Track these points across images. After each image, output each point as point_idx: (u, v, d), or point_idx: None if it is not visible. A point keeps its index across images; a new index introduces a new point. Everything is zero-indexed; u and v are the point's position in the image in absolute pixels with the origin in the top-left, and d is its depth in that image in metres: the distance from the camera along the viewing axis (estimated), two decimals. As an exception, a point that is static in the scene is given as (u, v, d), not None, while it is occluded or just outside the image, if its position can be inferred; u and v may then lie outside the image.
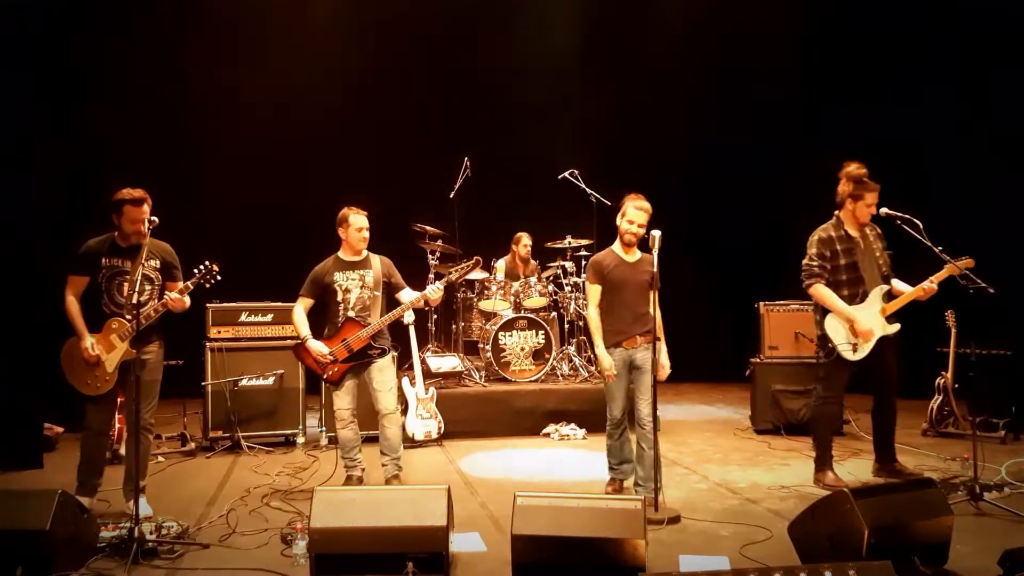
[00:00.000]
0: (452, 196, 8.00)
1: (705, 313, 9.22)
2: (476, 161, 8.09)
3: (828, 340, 4.98)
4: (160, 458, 5.97)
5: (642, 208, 4.68)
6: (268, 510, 4.60)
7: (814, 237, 5.08)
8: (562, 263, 8.02)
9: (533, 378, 7.38)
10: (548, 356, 7.46)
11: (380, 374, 4.96)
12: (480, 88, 9.73)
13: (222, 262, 4.50)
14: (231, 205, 8.86)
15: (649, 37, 9.76)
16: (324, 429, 6.50)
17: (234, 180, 8.88)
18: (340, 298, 4.95)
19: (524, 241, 8.16)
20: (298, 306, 4.99)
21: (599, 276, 4.74)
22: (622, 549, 3.29)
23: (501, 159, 9.33)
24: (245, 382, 6.38)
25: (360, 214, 5.02)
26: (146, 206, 4.38)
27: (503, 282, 7.68)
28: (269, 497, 4.87)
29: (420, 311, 6.82)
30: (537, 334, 7.45)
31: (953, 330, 6.36)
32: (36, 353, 5.70)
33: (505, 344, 7.39)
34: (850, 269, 4.98)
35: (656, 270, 4.50)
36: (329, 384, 5.03)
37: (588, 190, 7.89)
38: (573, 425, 6.86)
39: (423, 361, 7.04)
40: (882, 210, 4.93)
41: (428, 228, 7.63)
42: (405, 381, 6.50)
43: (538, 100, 9.56)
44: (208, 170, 8.92)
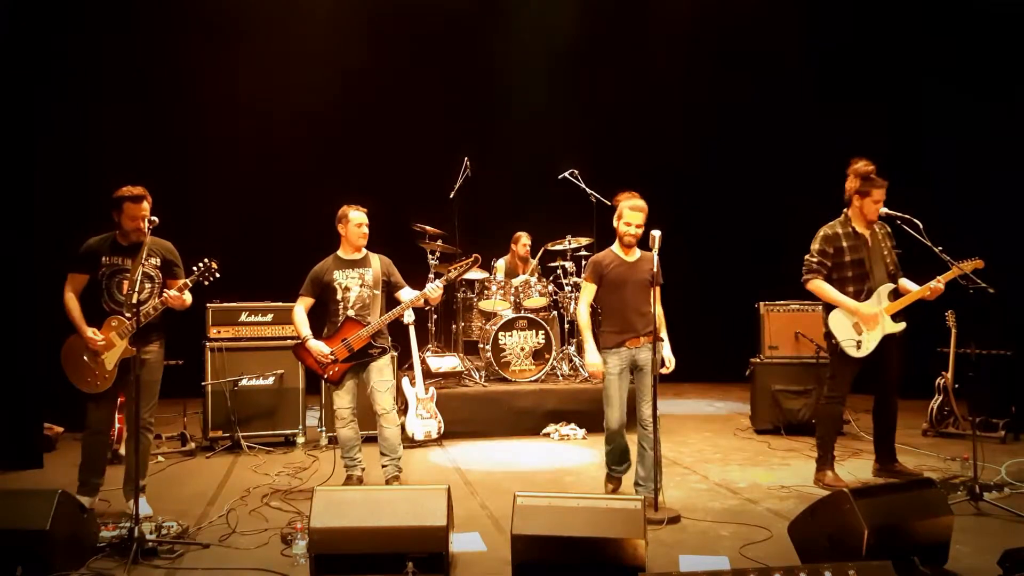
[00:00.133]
0: (452, 196, 8.01)
1: (705, 313, 9.22)
2: (476, 161, 8.10)
3: (832, 336, 4.99)
4: (160, 458, 5.97)
5: (638, 208, 4.61)
6: (268, 510, 4.60)
7: (819, 233, 5.08)
8: (562, 263, 8.03)
9: (533, 378, 7.38)
10: (548, 356, 7.46)
11: (379, 374, 4.96)
12: (480, 88, 9.73)
13: (222, 261, 4.50)
14: (231, 204, 8.86)
15: (649, 36, 9.76)
16: (324, 429, 6.50)
17: (234, 180, 8.88)
18: (340, 297, 4.95)
19: (524, 241, 8.16)
20: (298, 306, 4.99)
21: (596, 275, 4.72)
22: (622, 549, 3.28)
23: (501, 159, 9.32)
24: (245, 382, 6.38)
25: (359, 210, 5.03)
26: (146, 203, 4.40)
27: (503, 282, 7.68)
28: (269, 497, 4.87)
29: (420, 311, 6.81)
30: (537, 334, 7.45)
31: (953, 330, 6.37)
32: (36, 353, 5.71)
33: (505, 344, 7.39)
34: (856, 266, 4.96)
35: (657, 268, 4.51)
36: (329, 384, 5.03)
37: (588, 190, 7.88)
38: (573, 425, 6.86)
39: (423, 361, 7.03)
40: (882, 210, 4.93)
41: (428, 228, 7.63)
42: (405, 381, 6.50)
43: (538, 100, 9.55)
44: (207, 169, 8.91)
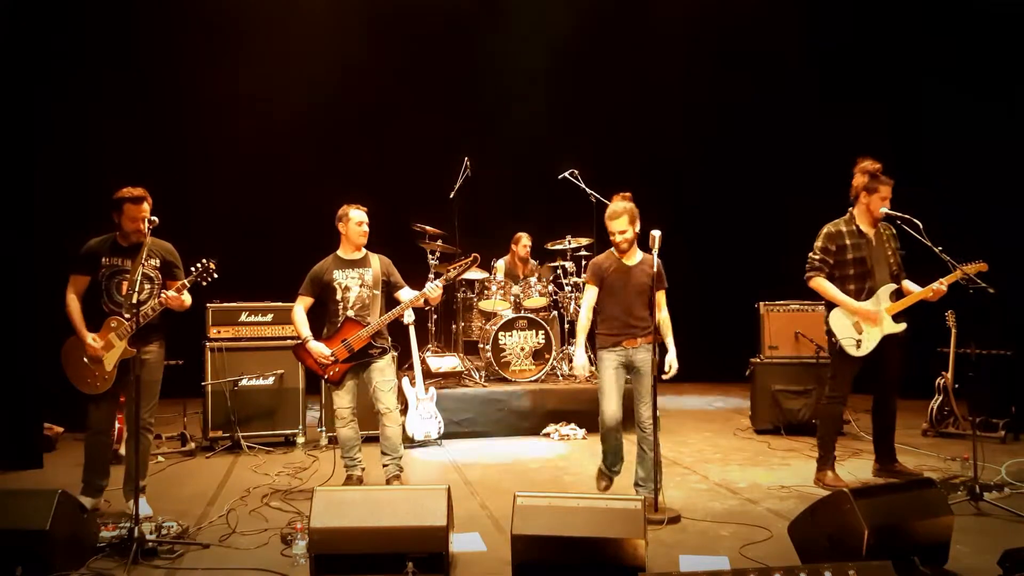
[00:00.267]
0: (452, 196, 8.01)
1: (705, 313, 9.21)
2: (476, 161, 8.09)
3: (832, 335, 4.99)
4: (160, 458, 5.97)
5: (614, 215, 4.55)
6: (268, 510, 4.60)
7: (823, 231, 5.08)
8: (562, 263, 8.02)
9: (533, 378, 7.38)
10: (548, 356, 7.46)
11: (380, 374, 4.95)
12: (480, 87, 9.72)
13: (222, 262, 4.50)
14: (231, 205, 8.87)
15: (649, 36, 9.74)
16: (324, 429, 6.50)
17: (234, 180, 8.87)
18: (340, 297, 4.95)
19: (524, 241, 8.16)
20: (298, 306, 4.99)
21: (597, 278, 4.69)
22: (622, 549, 3.28)
23: (501, 159, 9.32)
24: (245, 382, 6.38)
25: (360, 209, 5.04)
26: (146, 204, 4.41)
27: (503, 282, 7.68)
28: (269, 497, 4.87)
29: (420, 311, 6.81)
30: (537, 334, 7.45)
31: (953, 330, 6.36)
32: (36, 353, 5.71)
33: (505, 344, 7.39)
34: (858, 264, 4.97)
35: (660, 271, 4.50)
36: (329, 384, 5.03)
37: (588, 190, 7.88)
38: (573, 425, 6.86)
39: (423, 361, 7.03)
40: (882, 210, 4.93)
41: (428, 228, 7.63)
42: (405, 381, 6.50)
43: (538, 99, 9.55)
44: (208, 169, 8.91)
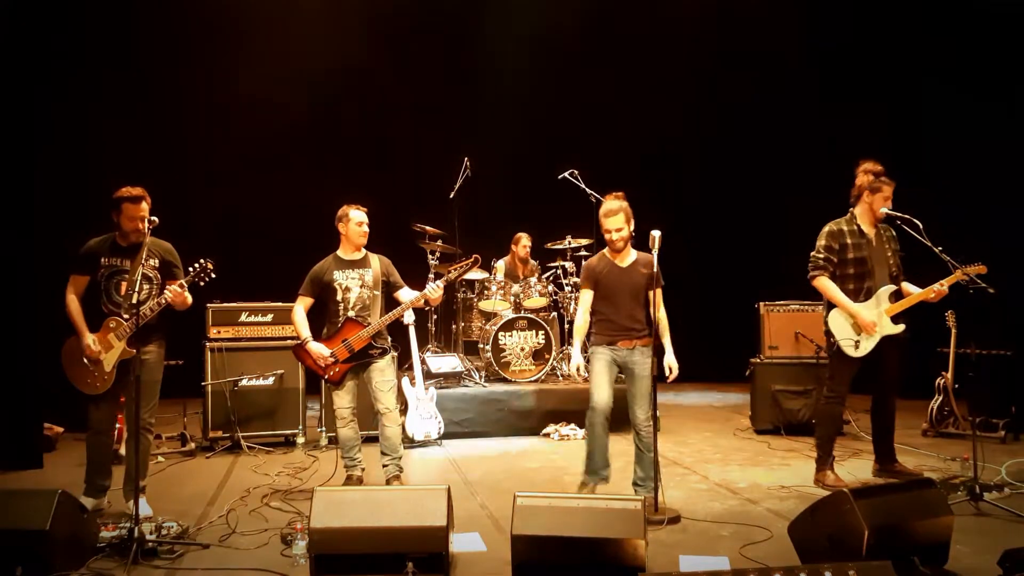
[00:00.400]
0: (452, 196, 8.01)
1: (705, 313, 9.22)
2: (476, 161, 8.09)
3: (831, 335, 4.99)
4: (160, 458, 5.97)
5: (609, 212, 4.50)
6: (268, 510, 4.59)
7: (824, 229, 5.08)
8: (562, 263, 8.02)
9: (533, 378, 7.38)
10: (548, 356, 7.46)
11: (380, 374, 4.95)
12: (480, 87, 9.73)
13: (221, 262, 4.51)
14: (231, 205, 8.86)
15: (649, 36, 9.75)
16: (324, 429, 6.50)
17: (233, 180, 8.88)
18: (340, 297, 4.95)
19: (524, 241, 8.16)
20: (298, 306, 4.99)
21: (591, 280, 4.66)
22: (622, 549, 3.28)
23: (501, 159, 9.33)
24: (245, 382, 6.38)
25: (360, 209, 5.04)
26: (145, 204, 4.40)
27: (503, 282, 7.68)
28: (269, 497, 4.87)
29: (420, 311, 6.82)
30: (537, 334, 7.45)
31: (953, 330, 6.36)
32: (36, 353, 5.71)
33: (505, 344, 7.39)
34: (858, 263, 4.97)
35: (657, 270, 4.48)
36: (329, 384, 5.03)
37: (588, 190, 7.88)
38: (573, 425, 6.86)
39: (423, 361, 7.03)
40: (883, 210, 4.93)
41: (428, 228, 7.63)
42: (405, 381, 6.50)
43: (538, 99, 9.56)
44: (207, 169, 8.91)
